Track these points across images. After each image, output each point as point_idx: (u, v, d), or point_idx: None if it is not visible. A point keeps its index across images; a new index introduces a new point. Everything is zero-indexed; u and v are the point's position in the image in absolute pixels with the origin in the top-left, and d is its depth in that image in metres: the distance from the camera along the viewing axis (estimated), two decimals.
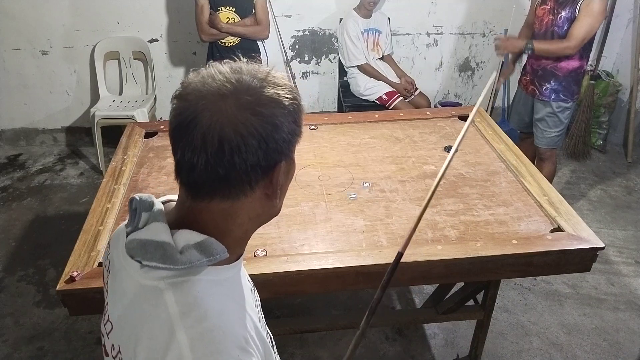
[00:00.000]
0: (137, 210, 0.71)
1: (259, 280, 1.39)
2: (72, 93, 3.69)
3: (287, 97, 0.67)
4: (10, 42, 3.45)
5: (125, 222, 0.74)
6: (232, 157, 0.63)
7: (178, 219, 0.71)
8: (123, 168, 1.86)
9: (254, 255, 1.46)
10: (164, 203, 0.76)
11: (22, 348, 2.20)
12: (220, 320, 0.65)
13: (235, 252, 0.73)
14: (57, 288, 1.37)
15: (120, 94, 3.62)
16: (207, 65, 0.69)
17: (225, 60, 0.69)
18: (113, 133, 3.19)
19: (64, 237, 2.80)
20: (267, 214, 0.74)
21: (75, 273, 1.38)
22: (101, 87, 3.56)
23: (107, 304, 0.76)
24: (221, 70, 0.67)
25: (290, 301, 2.43)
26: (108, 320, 0.74)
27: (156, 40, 3.57)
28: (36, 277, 2.57)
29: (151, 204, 0.72)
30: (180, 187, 0.71)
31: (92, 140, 3.45)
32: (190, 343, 0.62)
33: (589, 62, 3.88)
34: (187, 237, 0.68)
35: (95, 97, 3.61)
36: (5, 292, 2.49)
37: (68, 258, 1.45)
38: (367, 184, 1.79)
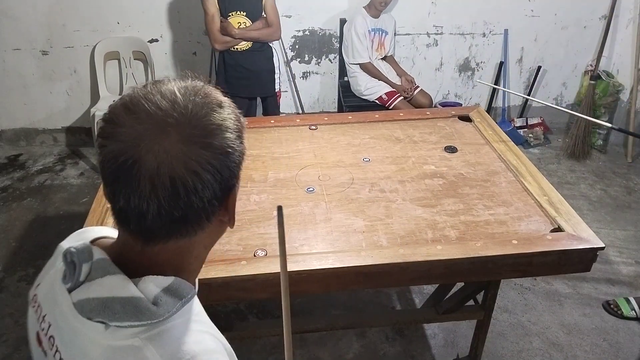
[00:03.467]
0: (75, 264, 0.63)
1: (259, 280, 1.40)
2: (72, 93, 3.69)
3: (231, 118, 0.62)
4: (10, 42, 3.45)
5: (51, 272, 0.67)
6: (189, 197, 0.58)
7: (129, 265, 0.64)
8: None
9: (254, 255, 1.46)
10: (94, 242, 0.69)
11: (22, 348, 2.20)
12: (206, 357, 0.63)
13: (193, 282, 0.70)
14: None
15: (121, 94, 3.62)
16: (131, 90, 0.61)
17: (150, 82, 0.63)
18: None
19: (64, 237, 2.78)
20: (220, 236, 0.71)
21: None
22: (101, 87, 3.55)
23: None
24: (153, 99, 0.59)
25: (290, 301, 2.43)
26: None
27: (156, 40, 3.57)
28: (36, 277, 2.56)
29: (90, 253, 0.64)
30: (123, 233, 0.64)
31: (92, 140, 3.45)
32: None
33: (589, 62, 3.90)
34: (155, 283, 0.62)
35: (95, 97, 3.61)
36: (5, 292, 2.49)
37: None
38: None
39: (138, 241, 0.62)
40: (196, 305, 0.69)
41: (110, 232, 0.73)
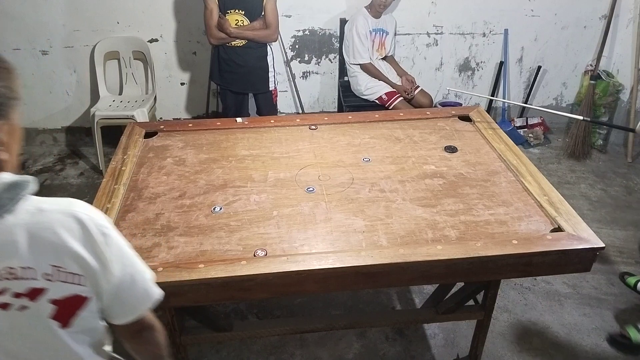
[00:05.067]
0: None
1: (258, 280, 1.40)
2: (72, 93, 3.69)
3: None
4: (10, 42, 3.45)
5: None
6: None
7: None
8: (123, 168, 1.86)
9: (254, 255, 1.45)
10: None
11: None
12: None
13: None
14: None
15: (120, 94, 3.62)
16: None
17: None
18: (113, 133, 3.19)
19: None
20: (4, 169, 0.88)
21: None
22: (101, 87, 3.56)
23: None
24: None
25: (290, 301, 2.43)
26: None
27: (156, 40, 3.56)
28: None
29: None
30: None
31: (92, 140, 3.45)
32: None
33: (589, 62, 3.90)
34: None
35: (95, 97, 3.61)
36: None
37: None
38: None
39: None
40: None
41: None
